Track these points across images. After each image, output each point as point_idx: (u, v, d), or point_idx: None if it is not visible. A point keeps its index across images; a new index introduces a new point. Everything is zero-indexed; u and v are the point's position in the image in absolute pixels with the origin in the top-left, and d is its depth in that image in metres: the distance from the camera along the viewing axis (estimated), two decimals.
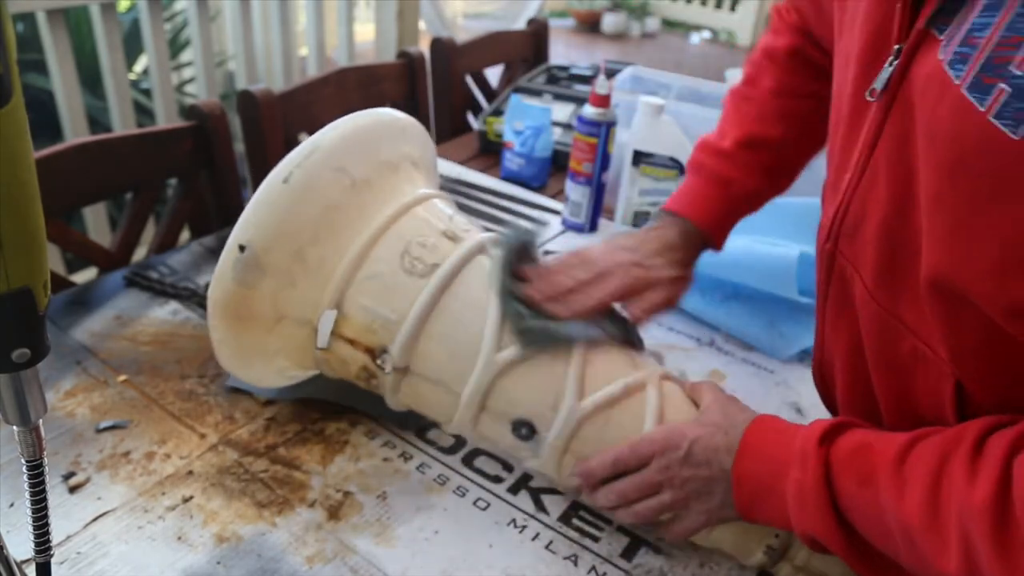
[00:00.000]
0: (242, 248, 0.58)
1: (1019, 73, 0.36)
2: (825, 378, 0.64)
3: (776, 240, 0.93)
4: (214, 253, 0.96)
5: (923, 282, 0.44)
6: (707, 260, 0.74)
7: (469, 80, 1.64)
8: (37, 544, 0.42)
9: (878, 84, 0.47)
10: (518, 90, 1.45)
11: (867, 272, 0.50)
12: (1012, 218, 0.37)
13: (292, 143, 1.18)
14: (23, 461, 0.39)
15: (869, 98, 0.48)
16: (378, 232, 0.61)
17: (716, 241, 0.73)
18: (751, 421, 0.56)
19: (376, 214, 0.62)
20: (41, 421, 0.39)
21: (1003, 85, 0.36)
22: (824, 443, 0.50)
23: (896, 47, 0.45)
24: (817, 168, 1.10)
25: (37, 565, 0.43)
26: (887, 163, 0.47)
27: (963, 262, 0.40)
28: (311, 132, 0.62)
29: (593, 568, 0.60)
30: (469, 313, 0.60)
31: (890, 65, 0.46)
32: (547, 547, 0.61)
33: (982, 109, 0.37)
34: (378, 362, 0.62)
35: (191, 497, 0.62)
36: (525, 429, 0.59)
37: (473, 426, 0.61)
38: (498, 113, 1.39)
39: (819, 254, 0.58)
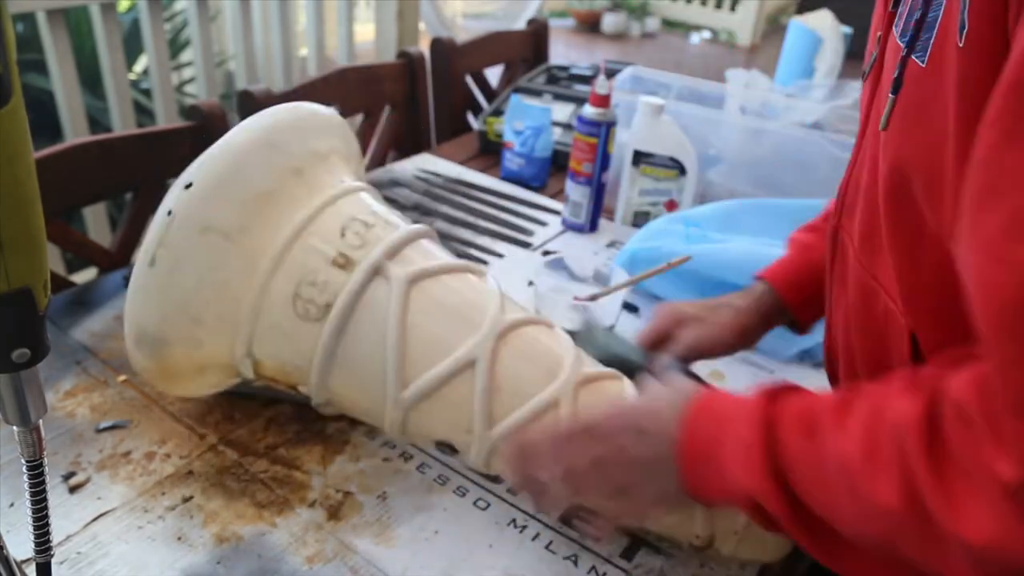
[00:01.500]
0: (139, 330, 0.61)
1: (924, 9, 0.43)
2: (832, 363, 0.65)
3: (776, 242, 0.93)
4: None
5: (881, 188, 0.48)
6: (707, 261, 0.74)
7: (469, 80, 1.64)
8: (37, 544, 0.42)
9: (867, 67, 0.54)
10: (518, 90, 1.45)
11: (856, 240, 0.55)
12: (932, 131, 0.42)
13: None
14: (23, 461, 0.39)
15: (861, 80, 0.55)
16: (265, 281, 0.60)
17: (792, 305, 0.72)
18: (700, 389, 0.53)
19: (260, 258, 0.60)
20: (41, 421, 0.39)
21: (916, 23, 0.44)
22: (771, 401, 0.48)
23: (878, 34, 0.53)
24: (814, 169, 1.10)
25: (37, 565, 0.43)
26: (871, 133, 0.52)
27: (909, 158, 0.45)
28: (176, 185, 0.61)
29: (593, 568, 0.60)
30: (369, 350, 0.59)
31: (876, 50, 0.53)
32: (547, 547, 0.61)
33: (905, 49, 0.44)
34: (304, 393, 0.64)
35: (191, 497, 0.62)
36: (447, 448, 0.61)
37: (406, 440, 0.66)
38: (498, 113, 1.39)
39: (828, 236, 0.61)
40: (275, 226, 0.60)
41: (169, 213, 0.57)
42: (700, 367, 0.84)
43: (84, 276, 1.51)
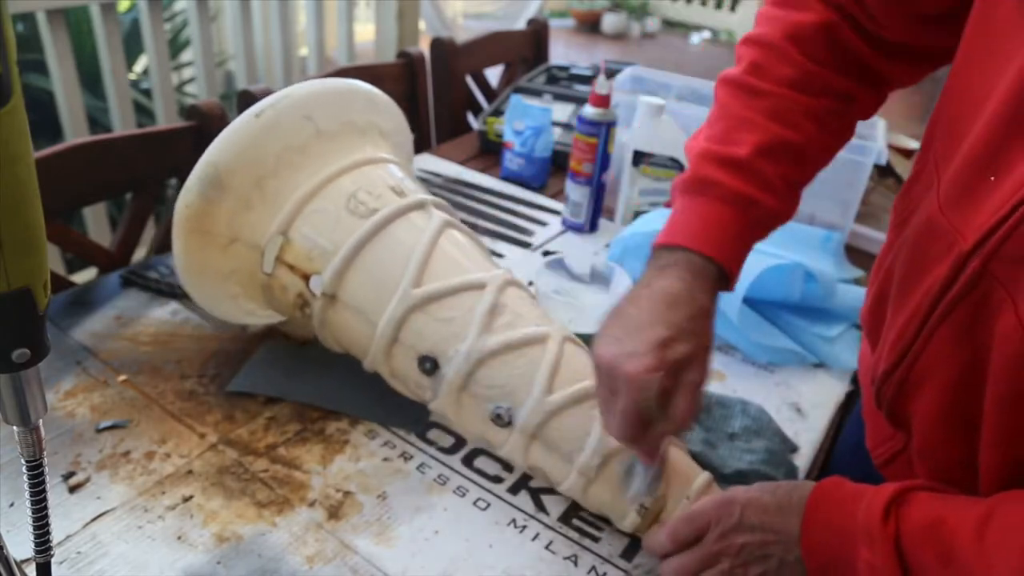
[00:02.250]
0: (211, 167, 0.66)
1: None
2: (906, 390, 0.55)
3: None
4: None
5: None
6: None
7: (469, 80, 1.64)
8: (37, 544, 0.42)
9: None
10: (518, 90, 1.45)
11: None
12: None
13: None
14: (23, 461, 0.39)
15: None
16: (331, 176, 0.69)
17: (732, 280, 0.59)
18: (811, 487, 0.53)
19: (333, 163, 0.70)
20: (41, 421, 0.39)
21: None
22: (889, 518, 0.48)
23: None
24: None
25: (37, 565, 0.43)
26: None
27: None
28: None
29: (593, 568, 0.60)
30: (395, 254, 0.66)
31: None
32: (547, 547, 0.61)
33: None
34: (311, 288, 0.68)
35: (191, 497, 0.62)
36: (429, 364, 0.64)
37: (385, 359, 0.67)
38: (498, 113, 1.39)
39: (950, 267, 0.48)
40: (355, 149, 0.72)
41: (286, 94, 0.68)
42: None
43: (84, 276, 1.52)
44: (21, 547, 0.54)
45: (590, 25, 5.57)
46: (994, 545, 0.43)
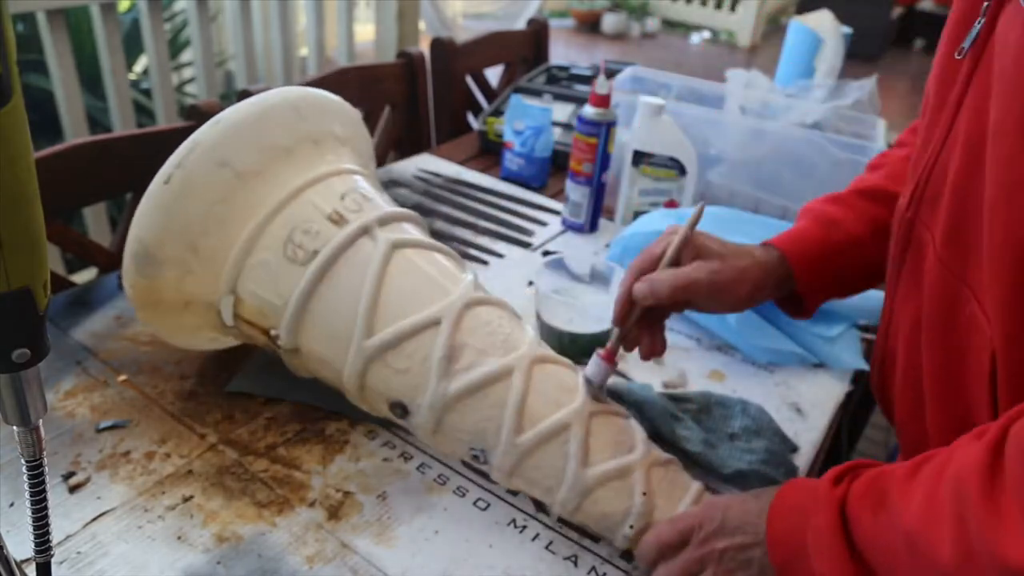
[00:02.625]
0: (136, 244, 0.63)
1: None
2: (884, 372, 0.61)
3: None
4: None
5: (993, 179, 0.43)
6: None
7: (469, 80, 1.64)
8: (37, 544, 0.42)
9: (966, 42, 0.47)
10: (518, 90, 1.45)
11: (939, 236, 0.50)
12: None
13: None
14: (23, 461, 0.39)
15: (957, 56, 0.48)
16: (264, 221, 0.65)
17: (803, 281, 0.66)
18: (783, 484, 0.54)
19: (264, 202, 0.65)
20: (41, 421, 0.39)
21: None
22: (838, 483, 0.49)
23: (984, 4, 0.47)
24: (814, 169, 1.10)
25: (37, 565, 0.43)
26: (967, 122, 0.47)
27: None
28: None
29: (593, 568, 0.60)
30: (344, 299, 0.63)
31: (978, 23, 0.46)
32: (547, 547, 0.61)
33: None
34: (273, 339, 0.66)
35: (191, 497, 0.62)
36: (399, 410, 0.63)
37: (361, 401, 0.66)
38: (498, 113, 1.39)
39: (897, 225, 0.56)
40: (284, 179, 0.66)
41: (193, 142, 0.63)
42: (699, 368, 0.84)
43: (84, 276, 1.52)
44: (21, 547, 0.54)
45: (590, 25, 5.57)
46: (919, 483, 0.43)
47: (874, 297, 0.92)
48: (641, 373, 0.82)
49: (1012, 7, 0.43)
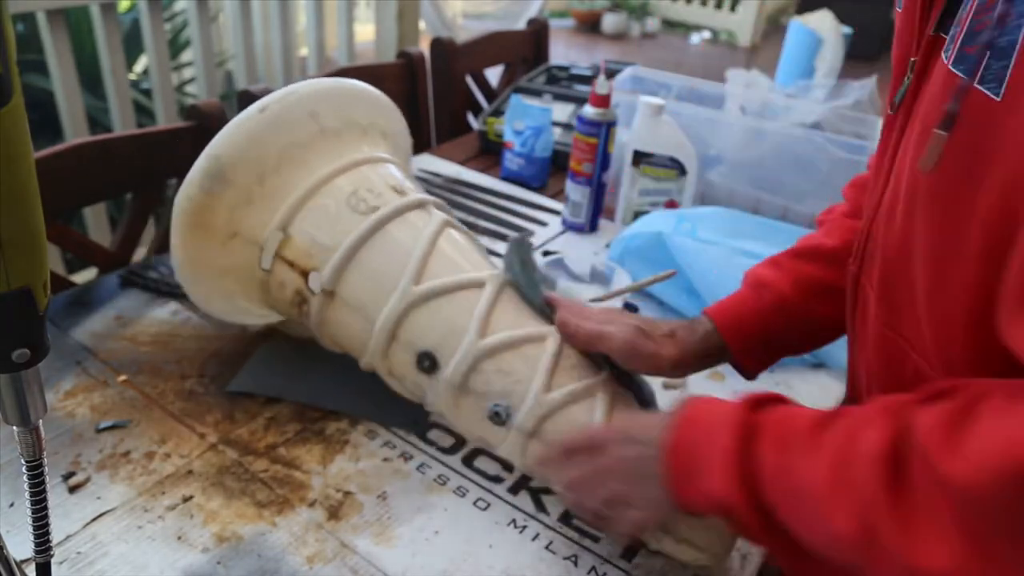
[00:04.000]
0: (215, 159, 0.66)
1: (995, 33, 0.36)
2: None
3: (763, 248, 0.93)
4: None
5: (923, 239, 0.43)
6: (690, 261, 0.72)
7: (469, 80, 1.64)
8: (37, 544, 0.42)
9: (898, 96, 0.47)
10: (518, 90, 1.45)
11: (875, 291, 0.50)
12: (1009, 177, 0.36)
13: None
14: (23, 461, 0.39)
15: (890, 111, 0.48)
16: (333, 173, 0.69)
17: (735, 350, 0.65)
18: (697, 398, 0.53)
19: (336, 160, 0.70)
20: (41, 421, 0.39)
21: (981, 48, 0.37)
22: (754, 410, 0.48)
23: (911, 60, 0.46)
24: (814, 169, 1.10)
25: (37, 565, 0.43)
26: (897, 176, 0.47)
27: (968, 207, 0.39)
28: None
29: (593, 568, 0.60)
30: (395, 251, 0.66)
31: (907, 78, 0.46)
32: (547, 547, 0.61)
33: (966, 79, 0.38)
34: (310, 285, 0.68)
35: (191, 497, 0.62)
36: (428, 362, 0.64)
37: (383, 357, 0.66)
38: (498, 113, 1.39)
39: (847, 281, 0.56)
40: (357, 148, 0.73)
41: (293, 90, 0.69)
42: None
43: (84, 276, 1.51)
44: (21, 547, 0.54)
45: (590, 25, 5.56)
46: (829, 433, 0.43)
47: None
48: None
49: (939, 65, 0.42)
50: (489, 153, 1.38)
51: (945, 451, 0.36)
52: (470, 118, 1.64)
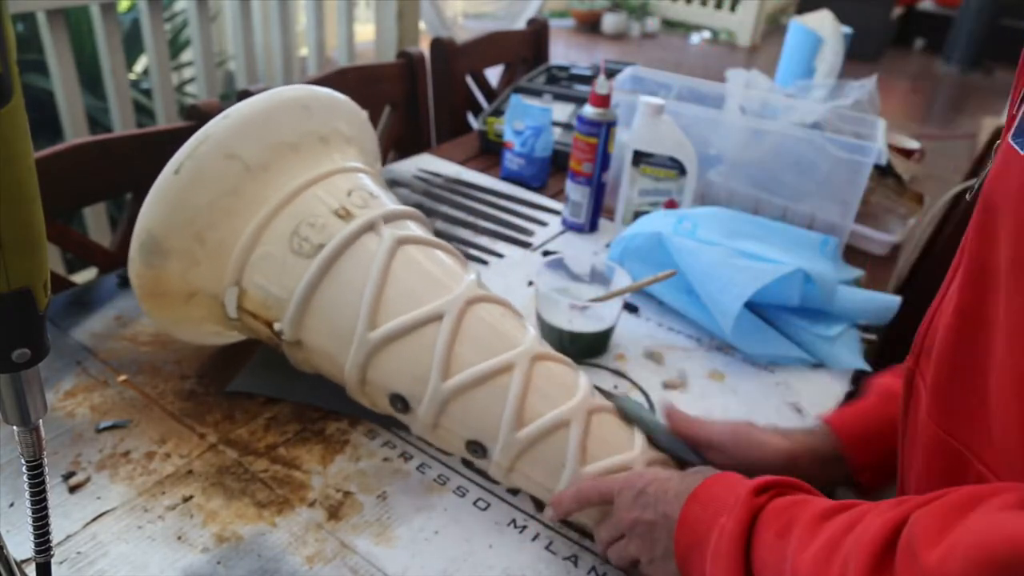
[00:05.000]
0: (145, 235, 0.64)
1: None
2: None
3: (763, 248, 0.93)
4: None
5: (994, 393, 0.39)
6: (690, 263, 0.71)
7: (469, 80, 1.64)
8: (37, 544, 0.42)
9: (976, 184, 0.45)
10: (518, 90, 1.45)
11: (928, 389, 0.47)
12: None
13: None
14: (23, 461, 0.39)
15: (967, 198, 0.46)
16: (271, 214, 0.65)
17: (854, 463, 0.61)
18: (717, 472, 0.53)
19: (272, 196, 0.66)
20: (41, 421, 0.39)
21: None
22: (761, 493, 0.48)
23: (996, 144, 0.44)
24: (814, 169, 1.10)
25: (37, 565, 0.43)
26: (965, 266, 0.44)
27: None
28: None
29: (593, 568, 0.60)
30: (348, 292, 0.63)
31: (987, 165, 0.44)
32: (547, 547, 0.61)
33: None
34: (275, 332, 0.66)
35: (191, 497, 0.62)
36: (400, 403, 0.63)
37: (361, 395, 0.66)
38: (498, 113, 1.39)
39: (903, 378, 0.53)
40: (291, 174, 0.67)
41: (204, 134, 0.63)
42: (699, 368, 0.84)
43: (84, 276, 1.51)
44: (21, 547, 0.54)
45: (590, 25, 5.56)
46: (829, 524, 0.42)
47: (875, 298, 0.92)
48: (641, 373, 0.82)
49: (1004, 145, 0.40)
50: (489, 153, 1.38)
51: (930, 540, 0.34)
52: (470, 118, 1.64)
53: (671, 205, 1.09)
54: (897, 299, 0.92)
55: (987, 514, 0.34)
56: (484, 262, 1.02)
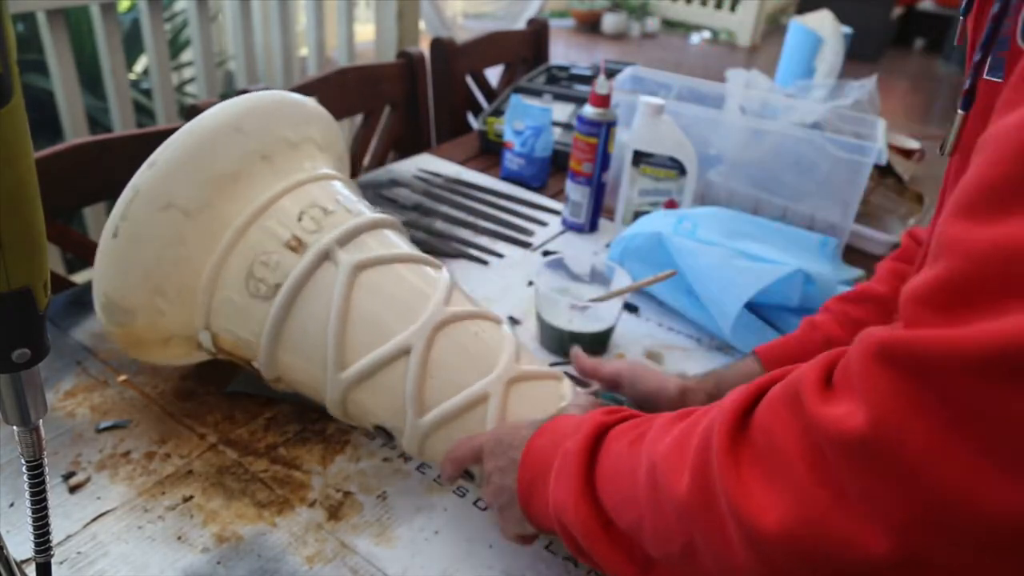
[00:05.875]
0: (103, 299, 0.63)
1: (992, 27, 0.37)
2: None
3: (763, 248, 0.93)
4: None
5: None
6: (689, 263, 0.71)
7: (469, 80, 1.64)
8: (37, 544, 0.42)
9: (951, 136, 0.45)
10: (518, 90, 1.45)
11: None
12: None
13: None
14: (23, 461, 0.39)
15: (940, 154, 0.47)
16: (221, 258, 0.63)
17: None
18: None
19: (219, 235, 0.63)
20: (41, 421, 0.39)
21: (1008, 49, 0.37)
22: (614, 413, 0.47)
23: (962, 98, 0.44)
24: (814, 169, 1.10)
25: (37, 565, 0.43)
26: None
27: None
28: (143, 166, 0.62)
29: (592, 570, 0.60)
30: (313, 330, 0.61)
31: (958, 114, 0.45)
32: (547, 547, 0.61)
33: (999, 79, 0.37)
34: (257, 370, 0.65)
35: (191, 497, 0.62)
36: (384, 434, 0.63)
37: (349, 420, 0.65)
38: (498, 113, 1.39)
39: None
40: (237, 206, 0.63)
41: (133, 189, 0.60)
42: (699, 368, 0.84)
43: (84, 276, 1.51)
44: (21, 547, 0.54)
45: (590, 25, 5.56)
46: (677, 427, 0.41)
47: None
48: None
49: (982, 83, 0.41)
50: (489, 153, 1.38)
51: (818, 398, 0.33)
52: (470, 118, 1.64)
53: (671, 205, 1.09)
54: None
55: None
56: (484, 262, 1.02)
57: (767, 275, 0.83)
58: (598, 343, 0.84)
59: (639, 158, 1.06)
